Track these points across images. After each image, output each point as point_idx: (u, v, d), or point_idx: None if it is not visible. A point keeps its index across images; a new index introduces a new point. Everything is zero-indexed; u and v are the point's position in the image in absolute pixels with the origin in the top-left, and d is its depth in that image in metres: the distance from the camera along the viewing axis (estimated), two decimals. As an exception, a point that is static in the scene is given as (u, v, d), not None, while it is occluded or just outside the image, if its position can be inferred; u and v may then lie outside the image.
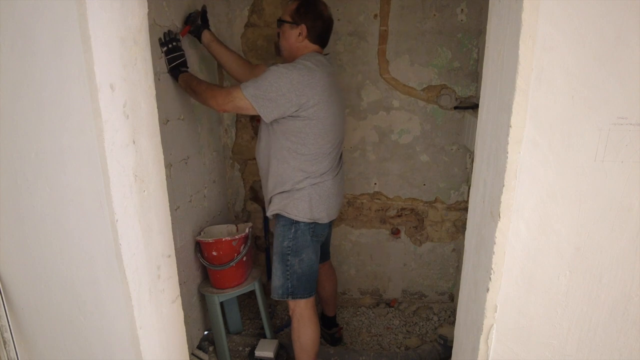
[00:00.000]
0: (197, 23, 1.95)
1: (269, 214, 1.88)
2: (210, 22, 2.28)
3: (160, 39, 1.80)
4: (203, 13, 1.99)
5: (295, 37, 1.75)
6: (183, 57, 1.85)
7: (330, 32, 1.82)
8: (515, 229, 0.88)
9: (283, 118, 1.68)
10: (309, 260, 1.84)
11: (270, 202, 1.86)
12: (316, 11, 1.75)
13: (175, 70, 1.85)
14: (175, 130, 1.94)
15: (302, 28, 1.74)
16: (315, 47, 1.78)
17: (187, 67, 1.88)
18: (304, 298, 1.85)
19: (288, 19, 1.76)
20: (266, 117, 1.67)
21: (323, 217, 1.83)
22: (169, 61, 1.83)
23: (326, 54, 1.83)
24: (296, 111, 1.65)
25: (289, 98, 1.62)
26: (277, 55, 1.90)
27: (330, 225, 1.96)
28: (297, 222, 1.80)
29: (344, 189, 2.01)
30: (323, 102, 1.68)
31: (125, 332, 1.17)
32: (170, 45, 1.81)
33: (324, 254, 2.16)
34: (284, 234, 1.83)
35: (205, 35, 1.97)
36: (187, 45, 1.97)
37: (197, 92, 1.77)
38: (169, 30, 1.83)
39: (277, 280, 1.86)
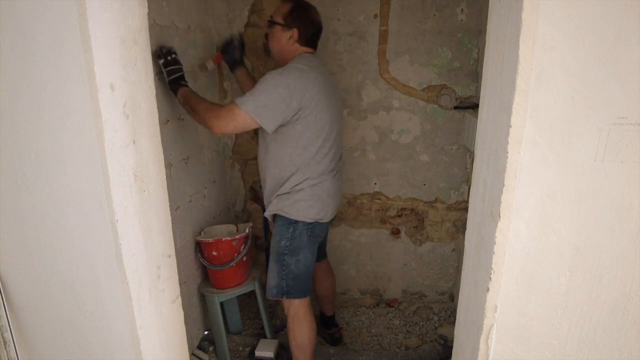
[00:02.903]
0: (234, 56, 1.96)
1: (267, 214, 1.88)
2: (210, 23, 2.28)
3: (156, 52, 1.73)
4: (240, 45, 1.98)
5: (286, 40, 1.76)
6: (181, 71, 1.78)
7: (320, 37, 1.84)
8: (515, 229, 0.88)
9: (282, 126, 1.68)
10: (306, 261, 1.84)
11: (269, 203, 1.87)
12: (309, 16, 1.76)
13: (174, 84, 1.77)
14: (175, 130, 1.94)
15: (294, 32, 1.74)
16: (305, 49, 1.80)
17: (186, 81, 1.81)
18: (299, 298, 1.85)
19: (280, 20, 1.75)
20: (269, 127, 1.65)
21: (323, 216, 1.83)
22: (168, 74, 1.75)
23: (314, 53, 1.84)
24: (295, 114, 1.65)
25: (288, 103, 1.62)
26: (266, 55, 1.89)
27: (328, 225, 1.96)
28: (296, 222, 1.80)
29: (342, 189, 2.01)
30: (320, 102, 1.68)
31: (125, 332, 1.17)
32: (168, 58, 1.74)
33: (321, 253, 2.16)
34: (282, 233, 1.83)
35: (240, 69, 2.01)
36: (185, 46, 1.97)
37: (197, 110, 1.71)
38: (162, 45, 1.76)
39: (272, 279, 1.86)
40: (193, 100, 1.74)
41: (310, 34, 1.78)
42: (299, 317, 1.87)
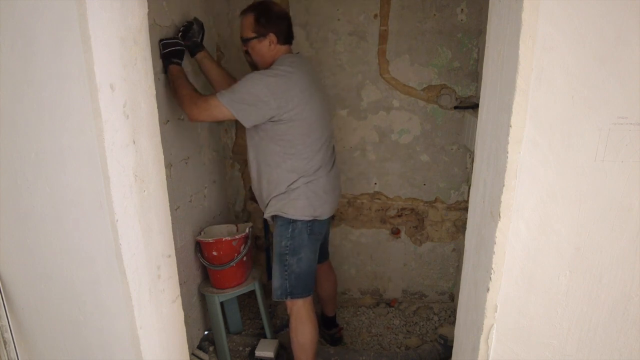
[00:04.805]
0: (195, 40, 1.89)
1: (266, 215, 1.89)
2: (210, 22, 2.28)
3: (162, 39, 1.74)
4: (201, 29, 1.92)
5: (267, 47, 1.74)
6: (181, 47, 1.77)
7: (292, 25, 1.80)
8: (515, 229, 0.88)
9: (265, 124, 1.69)
10: (307, 260, 1.84)
11: (267, 206, 1.87)
12: (275, 14, 1.74)
13: (167, 60, 1.75)
14: (175, 130, 1.94)
15: (271, 37, 1.72)
16: (285, 47, 1.79)
17: (181, 60, 1.80)
18: (302, 297, 1.85)
19: (252, 34, 1.73)
20: (245, 121, 1.67)
21: (321, 213, 1.84)
22: (164, 46, 1.73)
23: (296, 53, 1.84)
24: (276, 115, 1.66)
25: (267, 103, 1.63)
26: (254, 70, 1.87)
27: (328, 223, 1.96)
28: (294, 221, 1.81)
29: (339, 185, 2.01)
30: (304, 103, 1.68)
31: (125, 332, 1.17)
32: (179, 34, 1.79)
33: (323, 253, 2.16)
34: (282, 233, 1.83)
35: (201, 52, 1.92)
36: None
37: (178, 94, 1.72)
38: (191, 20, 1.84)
39: (276, 281, 1.87)
40: (178, 82, 1.74)
41: (285, 29, 1.76)
42: (302, 317, 1.87)
